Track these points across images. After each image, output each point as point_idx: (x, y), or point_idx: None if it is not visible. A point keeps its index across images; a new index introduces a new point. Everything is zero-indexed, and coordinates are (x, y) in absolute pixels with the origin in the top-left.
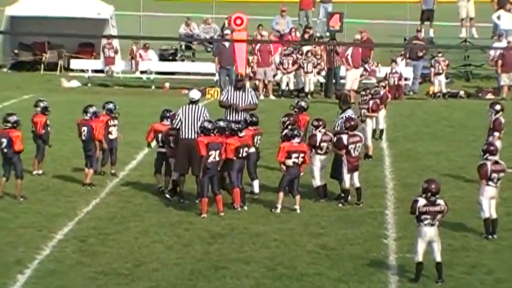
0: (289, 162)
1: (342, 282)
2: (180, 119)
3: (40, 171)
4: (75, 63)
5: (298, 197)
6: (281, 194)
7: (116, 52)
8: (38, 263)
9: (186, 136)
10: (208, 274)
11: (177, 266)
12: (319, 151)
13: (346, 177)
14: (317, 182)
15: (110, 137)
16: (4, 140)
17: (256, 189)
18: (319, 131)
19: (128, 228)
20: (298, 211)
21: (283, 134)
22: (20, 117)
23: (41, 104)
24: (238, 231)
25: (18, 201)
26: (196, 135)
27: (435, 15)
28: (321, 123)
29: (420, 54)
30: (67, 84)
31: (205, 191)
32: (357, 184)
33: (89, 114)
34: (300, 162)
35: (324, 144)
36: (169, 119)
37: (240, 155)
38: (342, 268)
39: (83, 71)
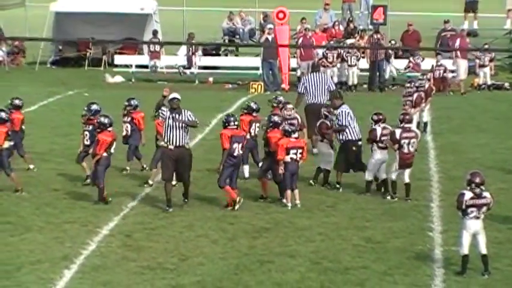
0: (287, 158)
1: (387, 276)
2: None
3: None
4: (119, 59)
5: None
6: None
7: (161, 46)
8: (84, 258)
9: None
10: (253, 268)
11: (222, 260)
12: (380, 144)
13: (396, 172)
14: (370, 175)
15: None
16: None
17: (247, 174)
18: (379, 125)
19: (173, 222)
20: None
21: (281, 128)
22: (63, 113)
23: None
24: (282, 225)
25: (63, 197)
26: (177, 143)
27: (479, 6)
28: (381, 117)
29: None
30: (111, 79)
31: (225, 180)
32: (406, 180)
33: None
34: (298, 158)
35: (385, 138)
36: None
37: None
38: (387, 261)
39: (127, 66)
